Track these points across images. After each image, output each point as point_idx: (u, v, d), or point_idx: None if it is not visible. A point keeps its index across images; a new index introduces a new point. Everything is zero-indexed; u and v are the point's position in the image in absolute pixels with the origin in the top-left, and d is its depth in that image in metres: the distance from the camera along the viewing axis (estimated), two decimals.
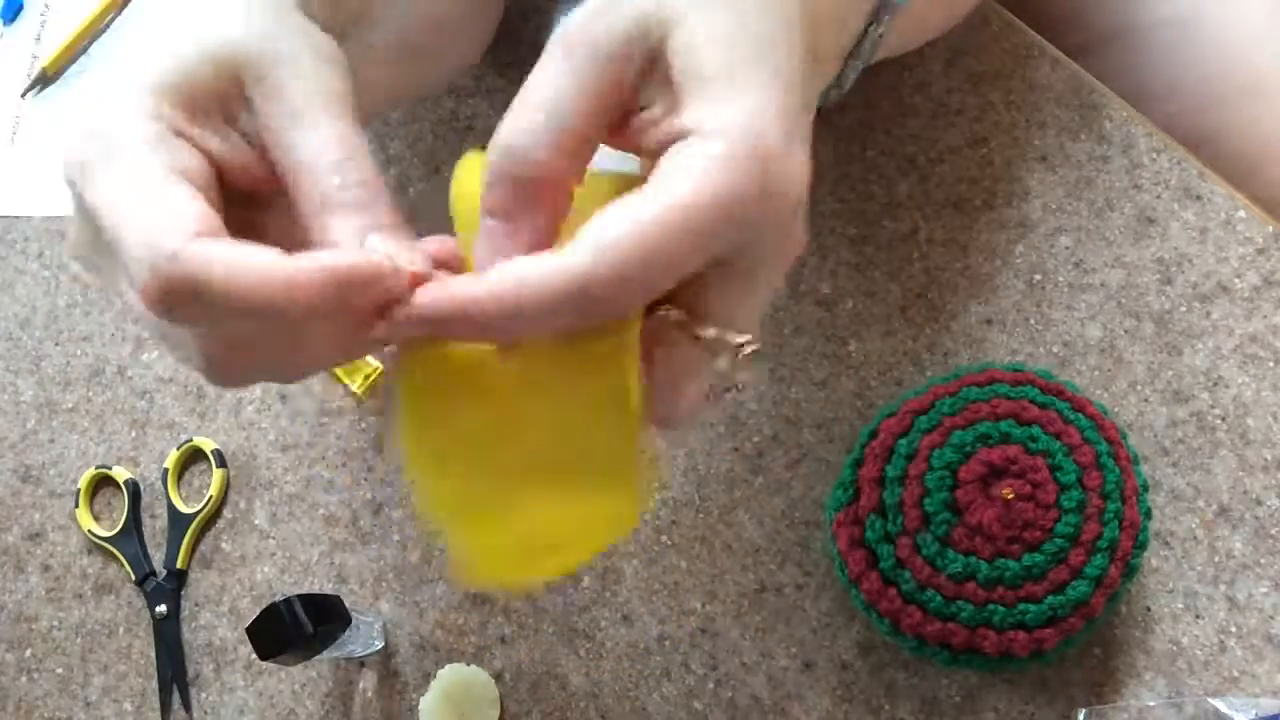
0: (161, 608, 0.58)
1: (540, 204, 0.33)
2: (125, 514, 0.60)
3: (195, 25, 0.35)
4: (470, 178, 0.36)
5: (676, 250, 0.30)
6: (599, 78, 0.33)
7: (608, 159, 0.36)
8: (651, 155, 0.33)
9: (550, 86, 0.33)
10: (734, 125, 0.31)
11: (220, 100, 0.35)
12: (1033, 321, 0.53)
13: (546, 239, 0.33)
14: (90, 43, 0.70)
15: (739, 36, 0.32)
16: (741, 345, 0.34)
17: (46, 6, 0.72)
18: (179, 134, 0.34)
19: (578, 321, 0.31)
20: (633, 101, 0.34)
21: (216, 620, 0.58)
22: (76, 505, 0.60)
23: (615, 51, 0.33)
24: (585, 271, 0.30)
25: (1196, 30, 0.60)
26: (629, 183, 0.35)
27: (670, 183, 0.30)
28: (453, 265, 0.35)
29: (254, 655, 0.47)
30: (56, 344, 0.64)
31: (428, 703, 0.53)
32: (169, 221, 0.31)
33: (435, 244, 0.35)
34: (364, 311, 0.32)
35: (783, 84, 0.32)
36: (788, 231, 0.33)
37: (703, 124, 0.31)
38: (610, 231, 0.30)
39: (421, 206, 0.60)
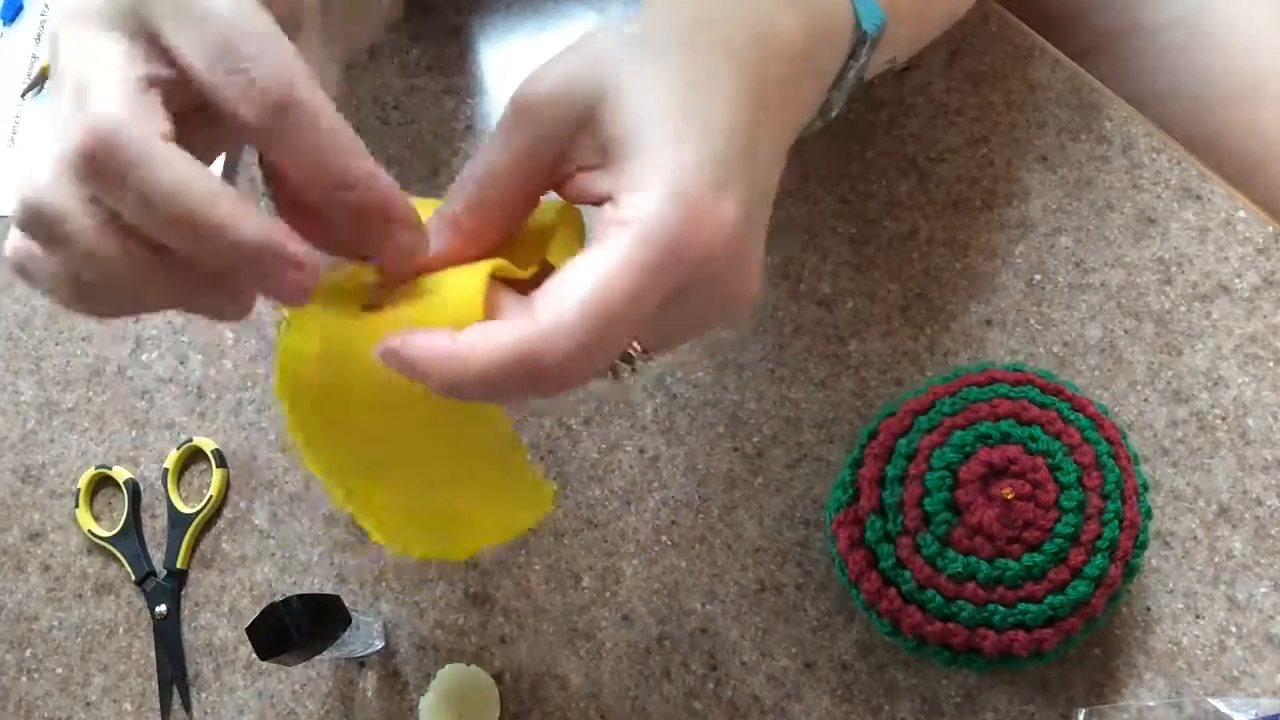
0: (161, 608, 0.58)
1: (447, 241, 0.35)
2: (125, 514, 0.60)
3: None
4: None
5: (605, 335, 0.31)
6: (531, 141, 0.35)
7: None
8: (583, 201, 0.35)
9: (488, 153, 0.35)
10: (652, 199, 0.32)
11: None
12: (1033, 321, 0.53)
13: (458, 260, 0.35)
14: None
15: (668, 97, 0.34)
16: (633, 359, 0.36)
17: (46, 6, 0.72)
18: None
19: (524, 390, 0.32)
20: (569, 157, 0.35)
21: (216, 620, 0.58)
22: (76, 505, 0.60)
23: (545, 114, 0.34)
24: (530, 348, 0.31)
25: (1198, 31, 0.60)
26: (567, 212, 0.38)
27: (588, 269, 0.31)
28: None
29: (254, 655, 0.47)
30: (56, 344, 0.64)
31: (428, 703, 0.53)
32: (133, 99, 0.31)
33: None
34: (239, 272, 0.32)
35: (714, 137, 0.33)
36: (723, 280, 0.34)
37: (621, 192, 0.33)
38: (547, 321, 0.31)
39: None
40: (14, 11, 0.72)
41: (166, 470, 0.60)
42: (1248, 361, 0.51)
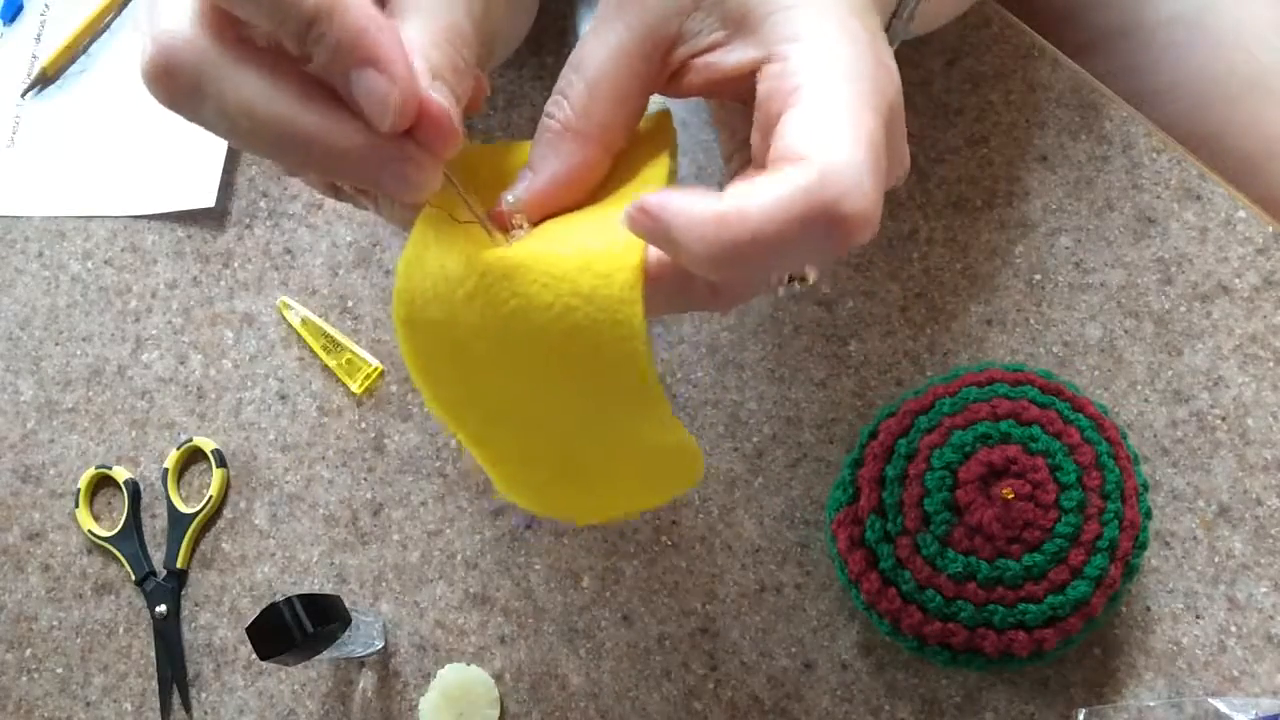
0: (161, 608, 0.58)
1: (568, 157, 0.32)
2: (125, 514, 0.60)
3: None
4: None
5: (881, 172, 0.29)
6: (643, 27, 0.32)
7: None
8: (711, 89, 0.32)
9: (587, 45, 0.32)
10: (824, 22, 0.29)
11: None
12: (1033, 321, 0.53)
13: (565, 186, 0.33)
14: (90, 42, 0.70)
15: None
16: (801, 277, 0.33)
17: (46, 6, 0.72)
18: None
19: (817, 248, 0.28)
20: (684, 41, 0.32)
21: (216, 620, 0.58)
22: (76, 505, 0.60)
23: (648, 2, 0.32)
24: (828, 190, 0.27)
25: (1200, 28, 0.60)
26: (656, 123, 0.34)
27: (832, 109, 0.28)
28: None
29: (254, 655, 0.47)
30: (56, 344, 0.64)
31: (428, 703, 0.53)
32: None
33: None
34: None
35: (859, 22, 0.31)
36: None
37: (795, 31, 0.30)
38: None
39: None
40: (14, 11, 0.72)
41: (166, 470, 0.60)
42: (1248, 361, 0.51)
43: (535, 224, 0.34)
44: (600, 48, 0.32)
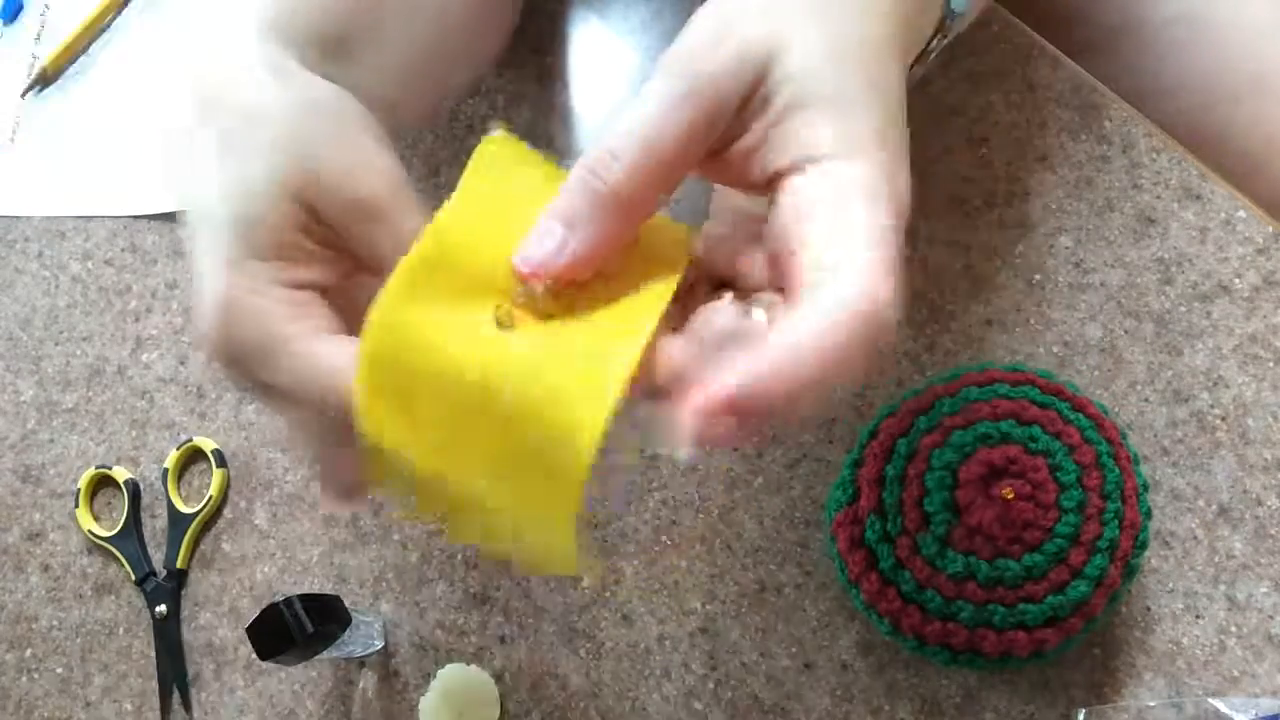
0: (161, 608, 0.58)
1: (610, 223, 0.33)
2: (125, 514, 0.60)
3: (242, 164, 0.37)
4: (487, 159, 0.36)
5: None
6: (699, 109, 0.32)
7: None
8: (751, 186, 0.33)
9: (647, 112, 0.32)
10: (848, 141, 0.31)
11: (294, 225, 0.37)
12: (1033, 321, 0.53)
13: (599, 256, 0.33)
14: (90, 43, 0.70)
15: (843, 55, 0.32)
16: None
17: (46, 6, 0.72)
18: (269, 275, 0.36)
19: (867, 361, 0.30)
20: (729, 131, 0.33)
21: (216, 620, 0.58)
22: (76, 505, 0.60)
23: (720, 84, 0.32)
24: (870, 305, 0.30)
25: (1203, 27, 0.60)
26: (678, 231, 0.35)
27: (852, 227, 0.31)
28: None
29: (254, 655, 0.47)
30: (56, 344, 0.64)
31: (428, 703, 0.53)
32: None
33: None
34: None
35: (883, 97, 0.32)
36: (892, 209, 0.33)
37: (818, 148, 0.31)
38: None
39: None
40: (14, 11, 0.72)
41: (166, 470, 0.60)
42: (1248, 361, 0.51)
43: (550, 291, 0.34)
44: (665, 120, 0.32)
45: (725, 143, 0.33)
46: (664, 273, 0.34)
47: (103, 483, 0.61)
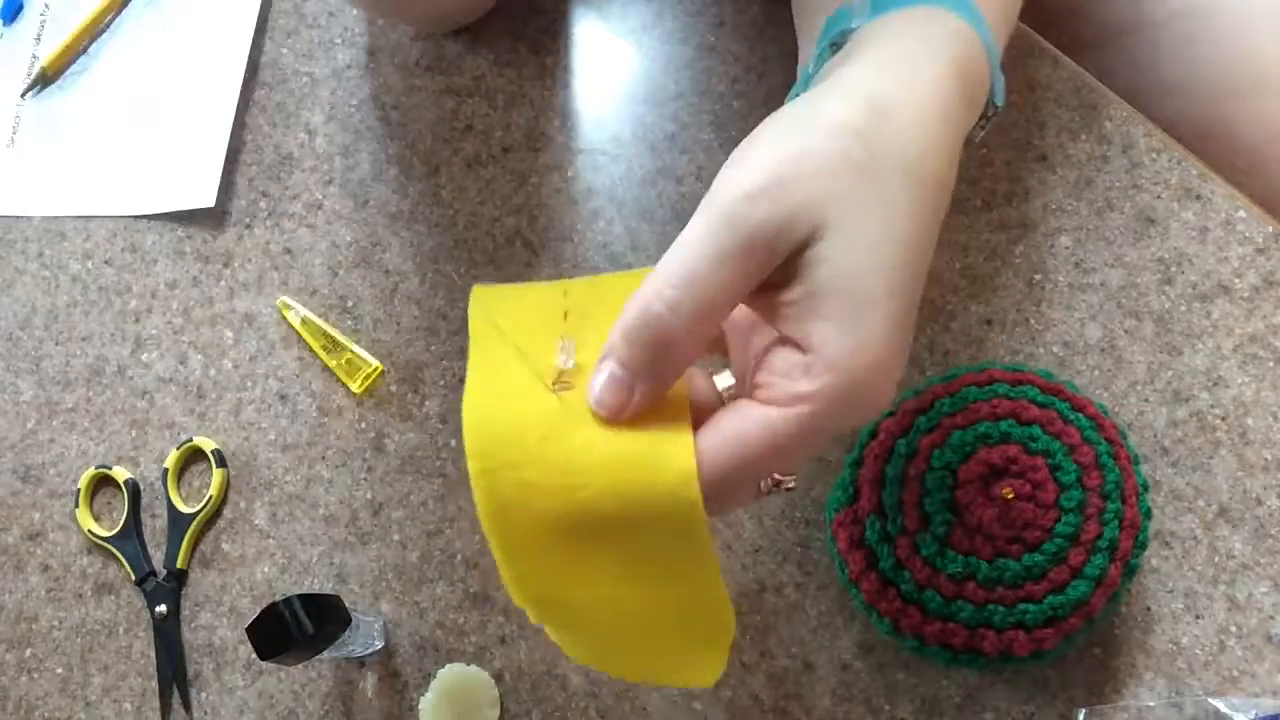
0: (161, 608, 0.58)
1: (669, 365, 0.35)
2: (125, 514, 0.60)
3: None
4: (481, 310, 0.38)
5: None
6: (745, 260, 0.34)
7: None
8: (768, 321, 0.36)
9: (697, 261, 0.34)
10: (849, 352, 0.33)
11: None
12: (1033, 321, 0.53)
13: (662, 392, 0.35)
14: (90, 43, 0.70)
15: (881, 253, 0.34)
16: (783, 482, 0.40)
17: (46, 6, 0.72)
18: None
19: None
20: (771, 279, 0.35)
21: (216, 620, 0.58)
22: (76, 505, 0.60)
23: (767, 240, 0.33)
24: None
25: (1207, 23, 0.60)
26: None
27: (759, 424, 0.34)
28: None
29: (254, 655, 0.47)
30: (56, 344, 0.64)
31: (428, 703, 0.53)
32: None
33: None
34: None
35: (906, 299, 0.34)
36: (865, 419, 0.35)
37: (823, 348, 0.33)
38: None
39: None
40: (14, 11, 0.72)
41: (166, 470, 0.60)
42: (1248, 361, 0.51)
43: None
44: (720, 273, 0.34)
45: (766, 288, 0.35)
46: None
47: (103, 483, 0.61)
